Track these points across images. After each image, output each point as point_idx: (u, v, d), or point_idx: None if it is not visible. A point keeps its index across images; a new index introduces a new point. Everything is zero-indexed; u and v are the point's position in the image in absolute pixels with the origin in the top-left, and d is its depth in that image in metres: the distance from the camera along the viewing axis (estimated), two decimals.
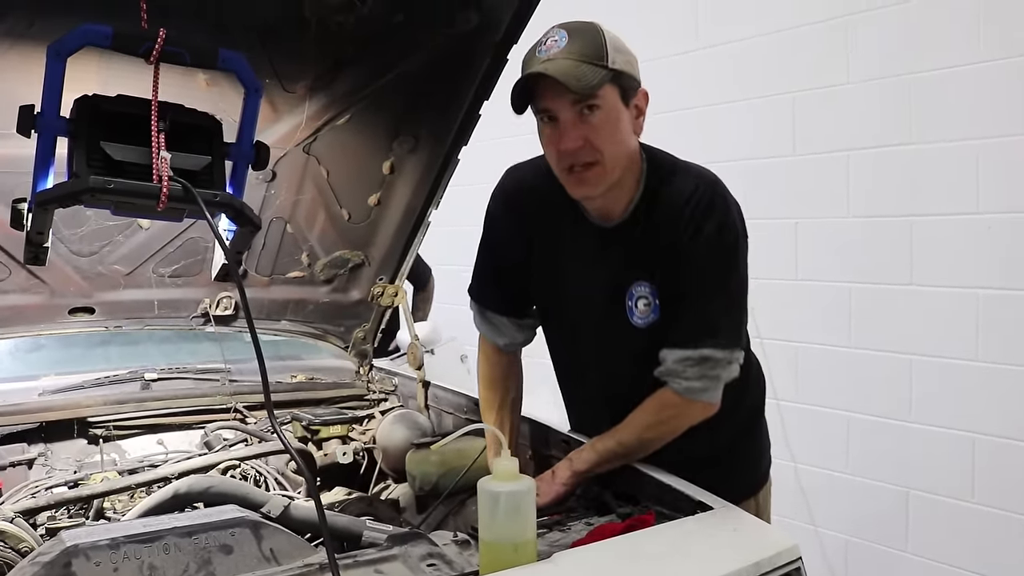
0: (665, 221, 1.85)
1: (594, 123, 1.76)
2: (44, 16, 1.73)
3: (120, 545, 1.41)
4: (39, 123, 1.49)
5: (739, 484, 2.08)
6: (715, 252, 1.83)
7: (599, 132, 1.77)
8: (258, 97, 1.65)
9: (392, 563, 1.49)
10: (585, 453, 1.92)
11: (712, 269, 1.83)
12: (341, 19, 1.96)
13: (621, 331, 1.94)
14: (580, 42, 1.73)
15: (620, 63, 1.75)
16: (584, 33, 1.74)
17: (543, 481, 1.88)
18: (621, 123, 1.80)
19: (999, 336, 3.07)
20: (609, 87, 1.75)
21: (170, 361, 2.80)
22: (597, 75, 1.71)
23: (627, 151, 1.84)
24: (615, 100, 1.78)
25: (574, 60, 1.71)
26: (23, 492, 2.07)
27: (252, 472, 2.26)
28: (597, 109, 1.75)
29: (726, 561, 1.50)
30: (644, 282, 1.90)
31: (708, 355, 1.82)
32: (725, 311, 1.87)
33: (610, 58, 1.73)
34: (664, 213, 1.85)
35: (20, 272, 2.37)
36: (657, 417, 1.88)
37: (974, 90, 3.07)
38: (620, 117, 1.80)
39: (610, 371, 2.04)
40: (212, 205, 1.53)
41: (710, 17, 3.98)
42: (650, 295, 1.89)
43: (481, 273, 2.18)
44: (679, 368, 1.83)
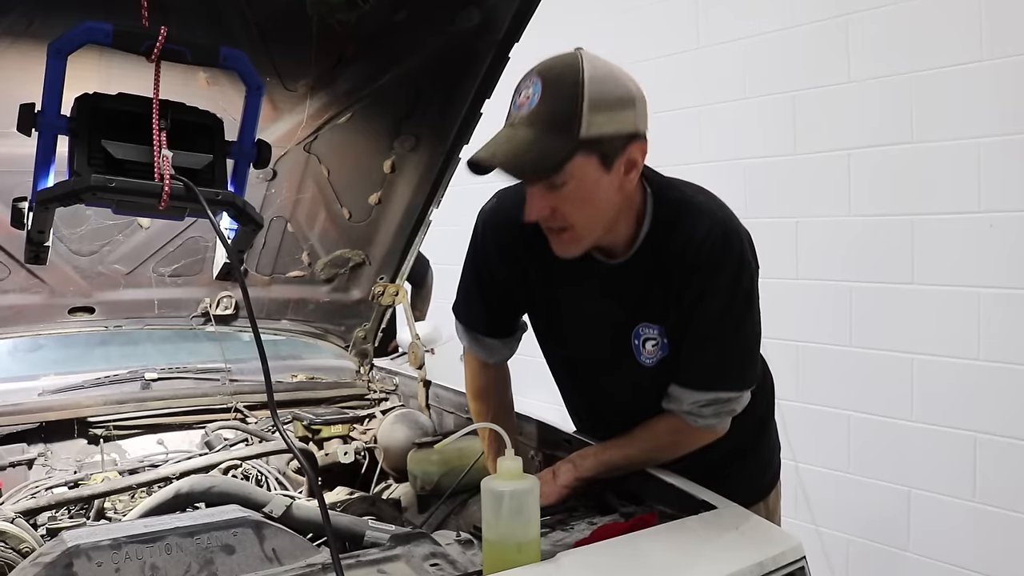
0: (677, 265, 1.73)
1: (563, 193, 1.60)
2: (44, 14, 1.73)
3: (122, 545, 1.40)
4: (40, 121, 1.48)
5: (750, 488, 2.06)
6: (732, 297, 1.73)
7: (567, 203, 1.62)
8: (260, 95, 1.64)
9: (395, 563, 1.49)
10: (589, 461, 1.90)
11: (729, 314, 1.75)
12: (343, 17, 1.95)
13: (626, 368, 1.87)
14: (551, 102, 1.53)
15: (599, 125, 1.54)
16: (560, 88, 1.53)
17: (544, 481, 1.86)
18: (597, 191, 1.62)
19: (1001, 335, 3.06)
20: (580, 158, 1.56)
21: (170, 361, 2.80)
22: (562, 151, 1.54)
23: (605, 216, 1.68)
24: (589, 169, 1.58)
25: (539, 131, 1.53)
26: (23, 492, 2.07)
27: (253, 472, 2.26)
28: (563, 184, 1.59)
29: (730, 561, 1.50)
30: (652, 324, 1.81)
31: (724, 396, 1.79)
32: (741, 353, 1.82)
33: (584, 123, 1.52)
34: (675, 257, 1.72)
35: (20, 271, 2.36)
36: (667, 440, 1.87)
37: (975, 88, 3.06)
38: (595, 186, 1.61)
39: (612, 396, 2.01)
40: (214, 204, 1.52)
41: (711, 16, 3.97)
42: (658, 336, 1.81)
43: (468, 295, 2.06)
44: (694, 409, 1.79)
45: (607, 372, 1.96)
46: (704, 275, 1.71)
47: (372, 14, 1.96)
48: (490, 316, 2.04)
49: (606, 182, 1.61)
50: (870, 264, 3.43)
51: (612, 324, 1.85)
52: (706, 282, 1.71)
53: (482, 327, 2.06)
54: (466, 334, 2.10)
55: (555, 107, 1.53)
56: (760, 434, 2.18)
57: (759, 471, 2.19)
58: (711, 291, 1.71)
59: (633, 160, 1.63)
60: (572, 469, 1.89)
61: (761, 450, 2.20)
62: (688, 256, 1.71)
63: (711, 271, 1.71)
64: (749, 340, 1.81)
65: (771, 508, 2.19)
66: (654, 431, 1.87)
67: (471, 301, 2.06)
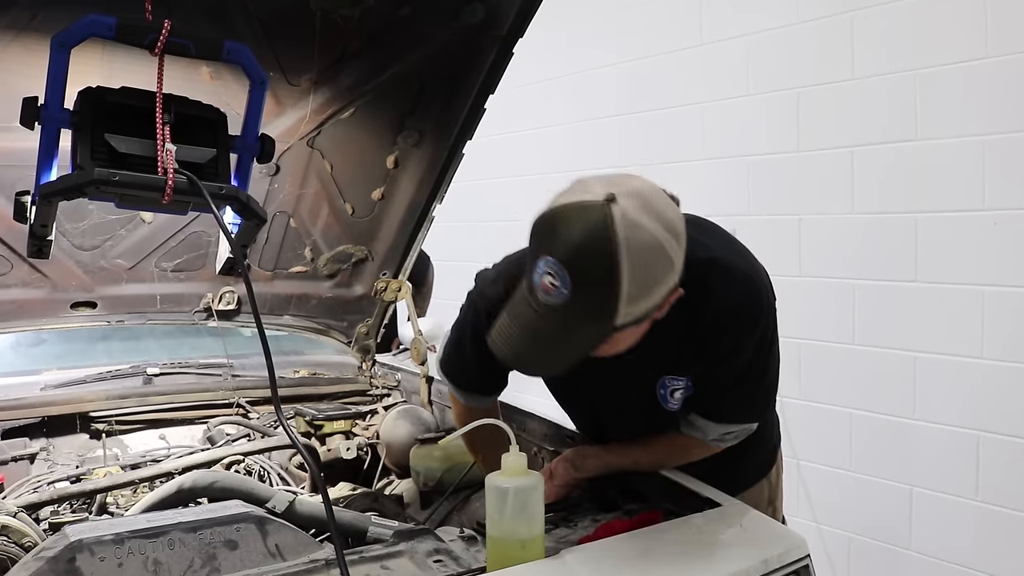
0: (707, 327, 1.66)
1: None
2: (47, 8, 1.72)
3: (124, 540, 1.40)
4: (43, 115, 1.48)
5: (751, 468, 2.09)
6: (759, 348, 1.72)
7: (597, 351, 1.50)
8: (263, 89, 1.64)
9: (399, 559, 1.49)
10: (592, 461, 1.89)
11: (757, 362, 1.74)
12: (346, 12, 1.95)
13: (649, 412, 1.83)
14: (582, 300, 1.36)
15: (638, 310, 1.39)
16: (592, 285, 1.35)
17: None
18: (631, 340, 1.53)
19: (1004, 333, 3.06)
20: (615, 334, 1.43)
21: (172, 356, 2.80)
22: (592, 339, 1.43)
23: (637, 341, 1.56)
24: (623, 335, 1.46)
25: (567, 325, 1.40)
26: (25, 487, 2.06)
27: (256, 467, 2.26)
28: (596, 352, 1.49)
29: (734, 558, 1.50)
30: (679, 377, 1.76)
31: (743, 428, 1.81)
32: (767, 392, 1.84)
33: (621, 315, 1.37)
34: (705, 320, 1.65)
35: (22, 266, 2.36)
36: (680, 454, 1.87)
37: (980, 86, 3.05)
38: (629, 339, 1.52)
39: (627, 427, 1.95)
40: (217, 198, 1.52)
41: (714, 13, 3.96)
42: (684, 385, 1.77)
43: (459, 355, 1.95)
44: (715, 436, 1.79)
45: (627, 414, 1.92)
46: (735, 335, 1.68)
47: (376, 9, 1.96)
48: (480, 378, 1.96)
49: (640, 330, 1.52)
50: (874, 262, 3.42)
51: (636, 379, 1.80)
52: (737, 340, 1.69)
53: (472, 386, 2.00)
54: (452, 388, 2.03)
55: (588, 302, 1.37)
56: None
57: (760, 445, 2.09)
58: (742, 347, 1.70)
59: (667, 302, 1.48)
60: (571, 469, 1.88)
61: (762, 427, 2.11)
62: (721, 319, 1.65)
63: (741, 332, 1.68)
64: (773, 378, 1.82)
65: (774, 484, 2.19)
66: (670, 444, 1.86)
67: (461, 362, 1.96)
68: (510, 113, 1.93)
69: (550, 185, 1.91)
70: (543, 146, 4.80)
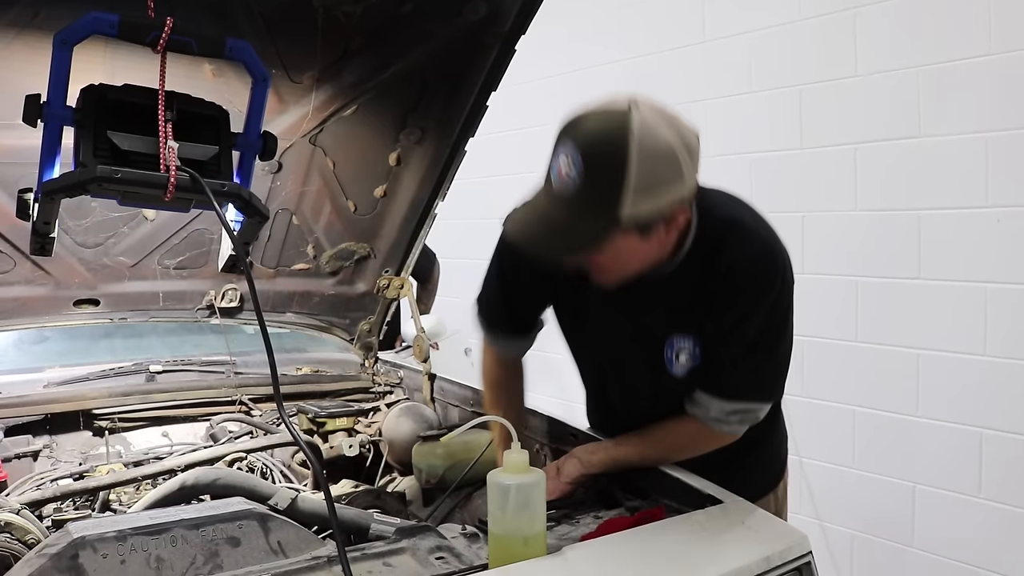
0: (721, 285, 1.70)
1: (597, 258, 1.62)
2: (50, 5, 1.72)
3: (127, 537, 1.40)
4: (45, 112, 1.48)
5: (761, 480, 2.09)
6: (772, 316, 1.73)
7: (602, 265, 1.65)
8: (265, 87, 1.64)
9: (401, 556, 1.49)
10: (599, 456, 1.88)
11: (768, 332, 1.75)
12: (348, 9, 1.95)
13: (655, 374, 1.85)
14: (592, 184, 1.47)
15: (641, 210, 1.48)
16: (603, 169, 1.46)
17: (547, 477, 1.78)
18: (634, 256, 1.62)
19: (1007, 330, 3.05)
20: (617, 236, 1.53)
21: (175, 353, 2.79)
22: (596, 234, 1.52)
23: (642, 267, 1.67)
24: (625, 243, 1.56)
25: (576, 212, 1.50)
26: (28, 484, 2.07)
27: (258, 465, 2.26)
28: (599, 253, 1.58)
29: (737, 555, 1.49)
30: (687, 337, 1.78)
31: (753, 407, 1.80)
32: (776, 369, 1.82)
33: (626, 208, 1.46)
34: (720, 278, 1.69)
35: (25, 263, 2.36)
36: (685, 441, 1.86)
37: (983, 83, 3.05)
38: (632, 253, 1.61)
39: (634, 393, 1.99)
40: (220, 195, 1.52)
41: (717, 9, 3.96)
42: (691, 347, 1.78)
43: (490, 292, 2.03)
44: (720, 416, 1.78)
45: (635, 378, 1.95)
46: (749, 297, 1.70)
47: (378, 6, 1.96)
48: (510, 315, 2.03)
49: (644, 247, 1.60)
50: (877, 259, 3.42)
51: (646, 335, 1.83)
52: (750, 304, 1.70)
53: (501, 325, 2.06)
54: (485, 329, 2.08)
55: (595, 194, 1.47)
56: (771, 424, 2.07)
57: (768, 461, 2.17)
58: (754, 312, 1.70)
59: (676, 223, 1.60)
60: (578, 465, 1.88)
61: (772, 441, 2.16)
62: (736, 278, 1.69)
63: (756, 294, 1.70)
64: (783, 356, 1.82)
65: (780, 499, 2.19)
66: (672, 432, 1.86)
67: (493, 298, 2.03)
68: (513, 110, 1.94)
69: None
70: (545, 144, 4.78)
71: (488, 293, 2.03)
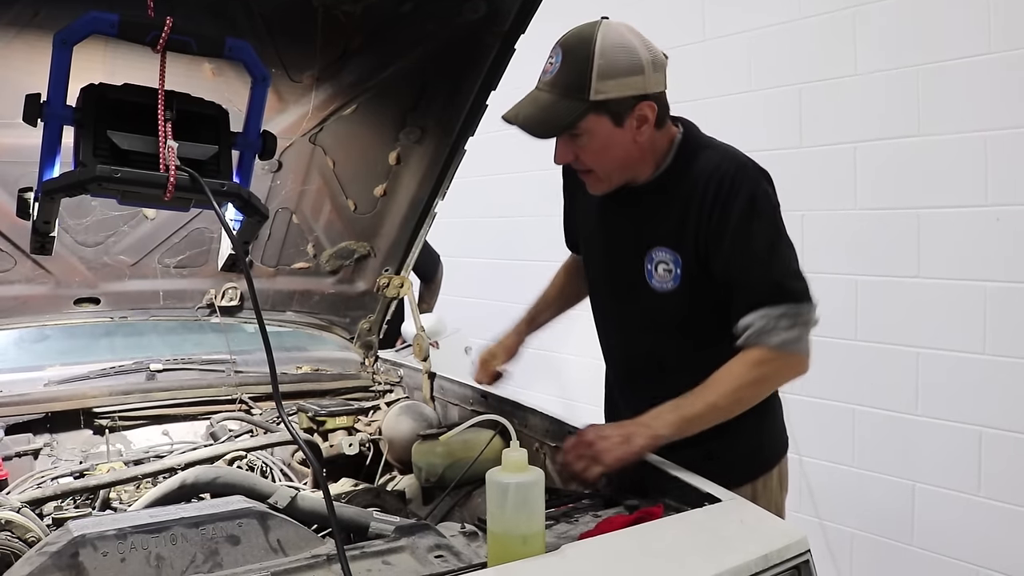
0: (689, 196, 1.91)
1: (581, 144, 1.89)
2: (49, 4, 1.73)
3: (127, 535, 1.41)
4: (45, 112, 1.48)
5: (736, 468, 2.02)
6: (755, 221, 1.87)
7: (586, 152, 1.91)
8: (265, 86, 1.64)
9: (400, 554, 1.49)
10: (667, 417, 1.83)
11: (758, 237, 1.87)
12: (348, 8, 1.95)
13: (638, 292, 2.01)
14: (567, 71, 1.82)
15: (607, 91, 1.81)
16: (575, 58, 1.81)
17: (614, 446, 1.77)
18: (611, 143, 1.88)
19: (1007, 329, 3.06)
20: (592, 117, 1.83)
21: (175, 352, 2.80)
22: (572, 113, 1.82)
23: (625, 160, 1.94)
24: (601, 126, 1.85)
25: (555, 96, 1.83)
26: (29, 482, 2.07)
27: (258, 463, 2.26)
28: (580, 135, 1.87)
29: (735, 553, 1.49)
30: (665, 248, 1.95)
31: (794, 309, 1.85)
32: (785, 269, 1.90)
33: (593, 90, 1.80)
34: (688, 188, 1.92)
35: (25, 262, 2.37)
36: (754, 375, 1.86)
37: (982, 81, 3.05)
38: (609, 139, 1.88)
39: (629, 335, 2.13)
40: (219, 195, 1.52)
41: (716, 8, 3.96)
42: (671, 262, 1.95)
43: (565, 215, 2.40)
44: (770, 324, 1.83)
45: (624, 299, 2.09)
46: (718, 208, 1.87)
47: (378, 5, 1.96)
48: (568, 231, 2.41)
49: (619, 135, 1.87)
50: (876, 257, 3.42)
51: (628, 241, 2.02)
52: (725, 207, 1.86)
53: (567, 239, 2.44)
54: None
55: (569, 75, 1.81)
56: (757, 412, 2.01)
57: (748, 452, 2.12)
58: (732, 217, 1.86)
59: (643, 116, 1.87)
60: (647, 430, 1.82)
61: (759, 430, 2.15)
62: (698, 188, 1.90)
63: (724, 204, 1.86)
64: (787, 257, 1.92)
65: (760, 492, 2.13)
66: (733, 371, 1.86)
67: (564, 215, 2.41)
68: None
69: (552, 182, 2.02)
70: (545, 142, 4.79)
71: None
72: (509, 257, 5.07)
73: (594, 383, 2.47)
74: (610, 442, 1.79)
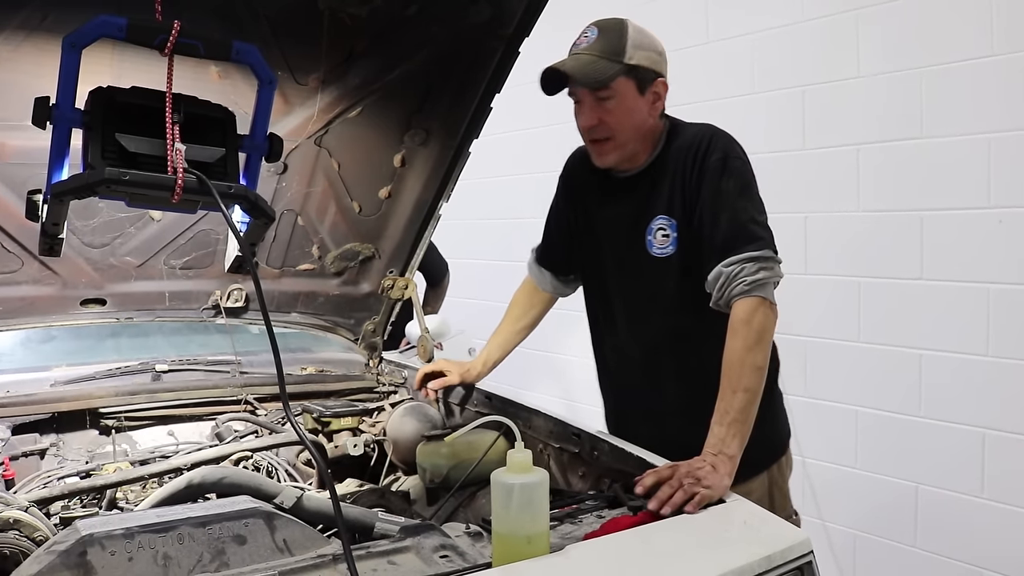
0: (674, 162, 2.11)
1: (608, 107, 2.06)
2: (58, 8, 1.74)
3: (135, 534, 1.41)
4: (54, 115, 1.49)
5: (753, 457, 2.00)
6: (725, 173, 2.04)
7: (612, 114, 2.07)
8: (272, 89, 1.66)
9: (405, 554, 1.50)
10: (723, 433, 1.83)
11: (728, 187, 2.03)
12: (354, 11, 1.96)
13: (642, 264, 2.15)
14: (604, 39, 2.04)
15: (638, 59, 2.05)
16: (611, 31, 2.05)
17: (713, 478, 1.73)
18: (634, 110, 2.08)
19: (1010, 331, 3.06)
20: (623, 79, 2.04)
21: (181, 353, 2.80)
22: (611, 70, 2.02)
23: (639, 131, 2.12)
24: (629, 90, 2.06)
25: (594, 56, 2.03)
26: (36, 482, 2.08)
27: (264, 464, 2.27)
28: (610, 97, 2.05)
29: (738, 554, 1.50)
30: (662, 216, 2.12)
31: (757, 255, 1.96)
32: (753, 219, 2.02)
33: (628, 55, 2.03)
34: (673, 158, 2.12)
35: (32, 263, 2.38)
36: (747, 333, 1.92)
37: (985, 84, 3.06)
38: (634, 104, 2.08)
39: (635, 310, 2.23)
40: (227, 197, 1.53)
41: (720, 11, 3.97)
42: (668, 227, 2.11)
43: (547, 224, 2.51)
44: (737, 269, 1.95)
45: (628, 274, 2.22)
46: (697, 165, 2.06)
47: (383, 8, 1.97)
48: (548, 246, 2.50)
49: (640, 103, 2.09)
50: (878, 259, 3.42)
51: (630, 220, 2.18)
52: (702, 164, 2.05)
53: (541, 254, 2.53)
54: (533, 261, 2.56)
55: (607, 42, 2.04)
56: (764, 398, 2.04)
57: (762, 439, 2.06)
58: (706, 175, 2.05)
59: (658, 93, 2.12)
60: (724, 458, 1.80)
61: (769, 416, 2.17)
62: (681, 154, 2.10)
63: (702, 161, 2.06)
64: (753, 209, 2.05)
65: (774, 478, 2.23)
66: (735, 345, 1.92)
67: (543, 233, 2.53)
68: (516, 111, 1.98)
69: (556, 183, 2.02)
70: (549, 144, 4.79)
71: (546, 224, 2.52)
72: (513, 259, 5.07)
73: (596, 385, 2.48)
74: (706, 471, 1.75)
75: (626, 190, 2.21)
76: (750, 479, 2.12)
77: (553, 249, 2.49)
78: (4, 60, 1.81)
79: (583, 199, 2.33)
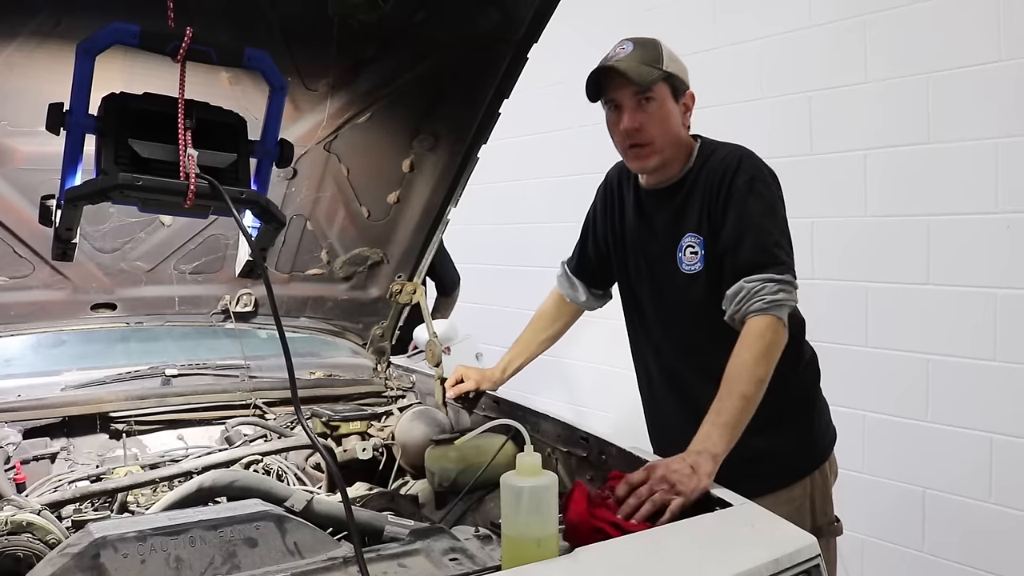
0: (704, 181, 2.18)
1: (649, 111, 2.16)
2: (71, 15, 1.75)
3: (147, 537, 1.43)
4: (68, 121, 1.51)
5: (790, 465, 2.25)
6: (751, 196, 2.10)
7: (652, 119, 2.16)
8: (283, 95, 1.67)
9: (415, 557, 1.51)
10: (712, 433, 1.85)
11: (754, 208, 2.09)
12: (363, 18, 1.97)
13: (673, 279, 2.23)
14: (642, 50, 2.16)
15: (673, 68, 2.18)
16: (646, 44, 2.18)
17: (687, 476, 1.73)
18: (671, 115, 2.19)
19: (1017, 336, 3.06)
20: (662, 85, 2.16)
21: (190, 357, 2.82)
22: (653, 74, 2.13)
23: (675, 138, 2.21)
24: (667, 96, 2.18)
25: (636, 62, 2.13)
26: (47, 486, 2.09)
27: (274, 467, 2.28)
28: (652, 100, 2.15)
29: (745, 557, 1.50)
30: (692, 233, 2.20)
31: (775, 277, 2.02)
32: (777, 243, 2.09)
33: (665, 63, 2.16)
34: (704, 176, 2.19)
35: (44, 268, 2.39)
36: (759, 346, 1.97)
37: (992, 89, 3.06)
38: (671, 110, 2.19)
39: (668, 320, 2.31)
40: (238, 202, 1.55)
41: (727, 16, 3.98)
42: (697, 245, 2.19)
43: (578, 240, 2.63)
44: (758, 287, 2.01)
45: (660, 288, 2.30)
46: (725, 185, 2.13)
47: (392, 15, 1.98)
48: (582, 256, 2.60)
49: (675, 110, 2.20)
50: (886, 264, 3.43)
51: (661, 235, 2.27)
52: (730, 185, 2.12)
53: (574, 263, 2.64)
54: (563, 272, 2.66)
55: (645, 51, 2.16)
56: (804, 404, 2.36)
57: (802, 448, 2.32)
58: (733, 196, 2.11)
59: (687, 104, 2.24)
60: (705, 454, 1.80)
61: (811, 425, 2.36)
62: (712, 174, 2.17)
63: (730, 182, 2.12)
64: (778, 231, 2.12)
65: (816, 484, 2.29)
66: (742, 356, 1.96)
67: (577, 242, 2.63)
68: (524, 116, 1.98)
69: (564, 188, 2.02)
70: (557, 149, 4.81)
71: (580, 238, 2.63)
72: (521, 264, 5.09)
73: (603, 390, 2.49)
74: (681, 474, 1.74)
75: (658, 205, 2.30)
76: (792, 484, 2.23)
77: (588, 261, 2.58)
78: (17, 66, 1.82)
79: (619, 212, 2.43)
